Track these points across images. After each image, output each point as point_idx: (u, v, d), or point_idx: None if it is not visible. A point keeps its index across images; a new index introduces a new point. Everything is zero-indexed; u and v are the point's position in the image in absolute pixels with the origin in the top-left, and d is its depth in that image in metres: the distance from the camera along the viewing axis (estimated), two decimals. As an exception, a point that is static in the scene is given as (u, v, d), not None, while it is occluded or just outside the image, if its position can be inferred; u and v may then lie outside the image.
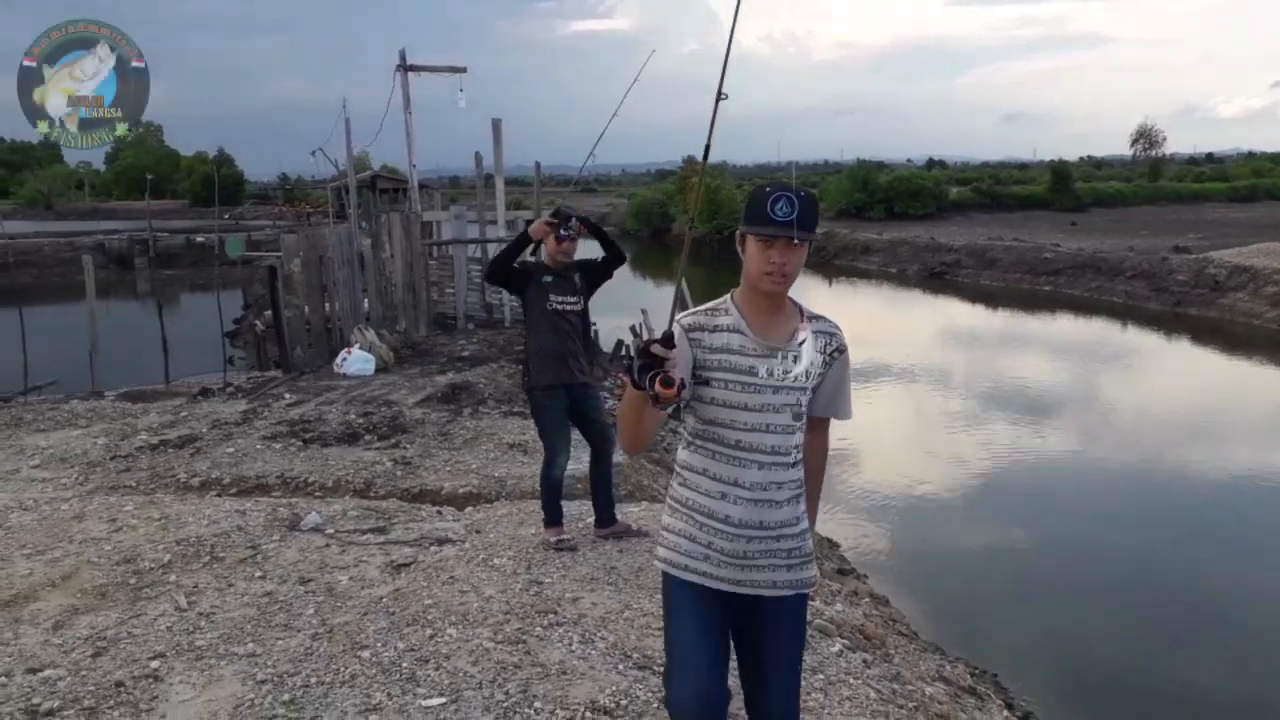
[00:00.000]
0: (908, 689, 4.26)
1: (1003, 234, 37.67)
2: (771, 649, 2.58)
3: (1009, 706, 5.57)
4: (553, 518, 5.45)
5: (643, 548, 5.39)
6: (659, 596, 4.66)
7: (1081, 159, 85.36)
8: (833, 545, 8.63)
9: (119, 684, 3.77)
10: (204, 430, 8.41)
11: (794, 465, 2.52)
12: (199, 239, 40.67)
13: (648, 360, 2.22)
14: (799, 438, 2.52)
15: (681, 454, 2.59)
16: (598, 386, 5.74)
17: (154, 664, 3.94)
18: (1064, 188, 54.89)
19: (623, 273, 5.77)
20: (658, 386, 2.19)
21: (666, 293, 28.38)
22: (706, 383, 2.45)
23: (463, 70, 18.70)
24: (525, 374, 5.42)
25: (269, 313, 16.48)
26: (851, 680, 4.08)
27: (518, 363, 13.03)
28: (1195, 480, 12.07)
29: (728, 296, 2.55)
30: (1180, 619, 8.06)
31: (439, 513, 6.35)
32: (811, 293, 33.87)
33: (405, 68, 17.85)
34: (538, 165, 20.38)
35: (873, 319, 26.32)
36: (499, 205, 19.26)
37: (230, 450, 7.72)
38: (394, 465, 7.48)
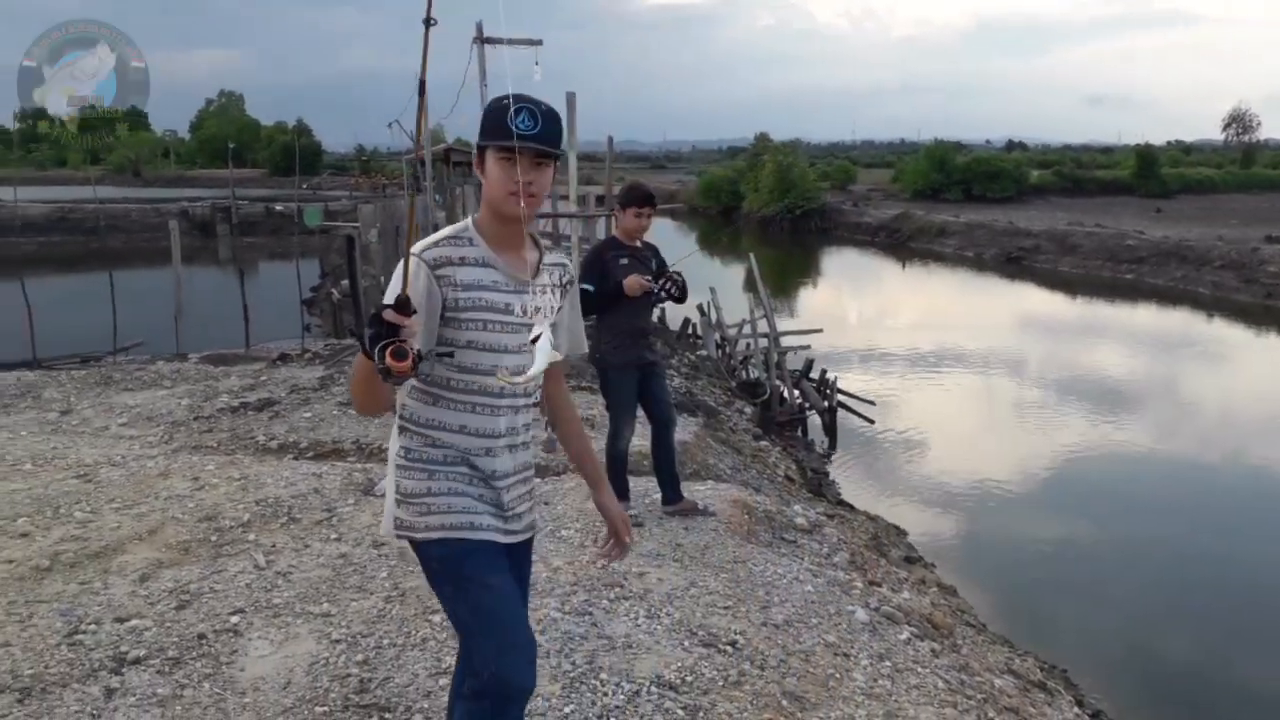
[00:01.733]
0: (976, 680, 4.21)
1: (1084, 219, 36.64)
2: (521, 596, 2.47)
3: (1079, 703, 5.47)
4: (619, 491, 5.48)
5: (709, 526, 5.40)
6: (724, 575, 4.71)
7: (1169, 143, 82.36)
8: (900, 532, 8.54)
9: (201, 636, 3.91)
10: (282, 395, 8.62)
11: (536, 404, 2.43)
12: (278, 208, 41.59)
13: (380, 328, 1.93)
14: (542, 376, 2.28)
15: (421, 409, 2.29)
16: (665, 364, 5.75)
17: (234, 619, 4.08)
18: (1150, 173, 53.10)
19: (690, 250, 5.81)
20: (389, 359, 1.89)
21: (735, 271, 28.26)
22: (455, 325, 2.22)
23: (539, 43, 18.69)
24: (595, 349, 5.42)
25: (345, 281, 16.83)
26: (919, 669, 4.05)
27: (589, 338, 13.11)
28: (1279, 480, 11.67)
29: (467, 223, 2.32)
30: (1257, 620, 7.83)
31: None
32: (885, 275, 33.41)
33: (482, 40, 17.90)
34: (610, 140, 20.34)
35: (947, 303, 25.87)
36: (571, 180, 19.26)
37: (307, 415, 7.91)
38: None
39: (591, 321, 5.70)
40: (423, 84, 2.11)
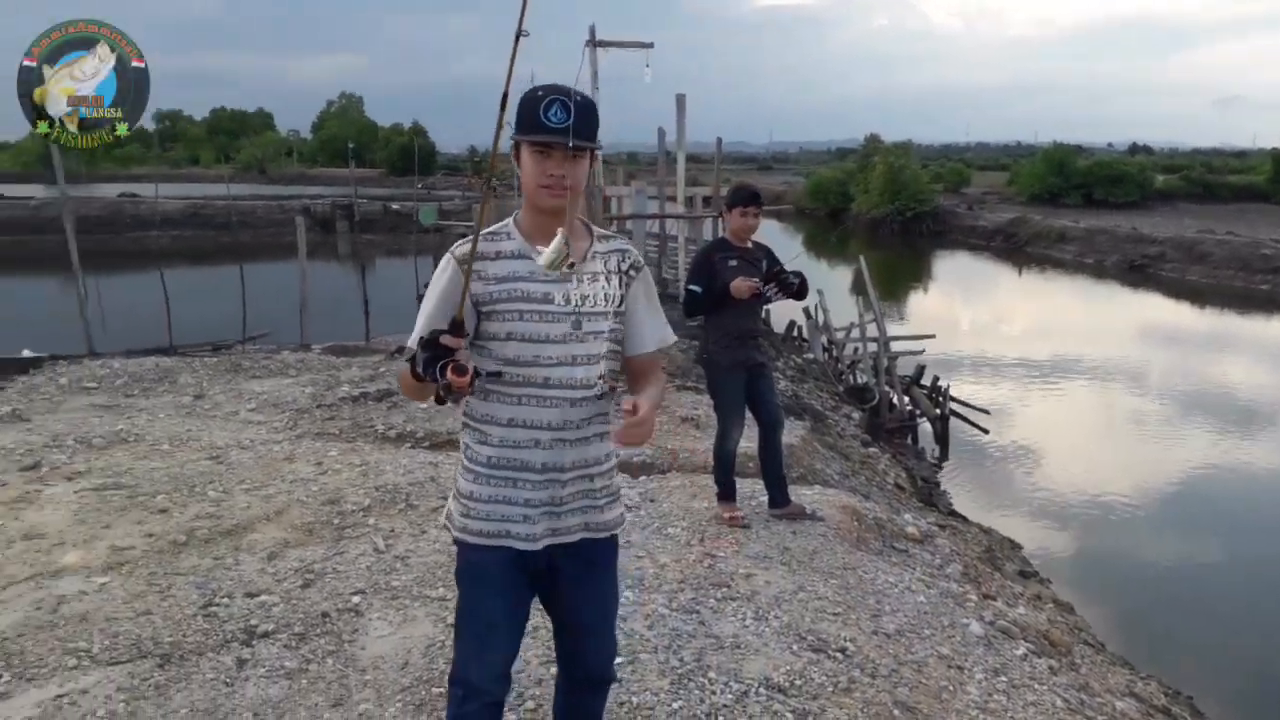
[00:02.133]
0: (1096, 701, 4.07)
1: (1214, 227, 34.82)
2: (586, 600, 2.42)
3: (1204, 732, 5.23)
4: (726, 492, 5.49)
5: (817, 531, 5.35)
6: (834, 581, 4.66)
7: (1312, 148, 77.51)
8: (1014, 546, 8.29)
9: (324, 614, 4.08)
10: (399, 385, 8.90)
11: (601, 397, 2.31)
12: (394, 206, 42.84)
13: (436, 351, 2.01)
14: (605, 366, 2.30)
15: (477, 404, 2.31)
16: (773, 366, 5.71)
17: (355, 599, 4.23)
18: (1288, 178, 50.06)
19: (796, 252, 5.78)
20: (450, 374, 1.98)
21: (843, 274, 27.85)
22: (493, 318, 2.23)
23: (650, 46, 18.81)
24: (703, 349, 5.46)
25: (458, 278, 17.17)
26: (1036, 686, 3.93)
27: (691, 338, 13.12)
28: None
29: (509, 219, 2.32)
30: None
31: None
32: (1000, 280, 32.45)
33: (594, 43, 18.11)
34: (719, 141, 20.35)
35: (1065, 311, 24.98)
36: (679, 181, 19.37)
37: (424, 406, 8.13)
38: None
39: (698, 322, 5.73)
40: (505, 96, 2.13)
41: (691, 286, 5.28)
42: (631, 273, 2.36)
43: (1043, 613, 5.72)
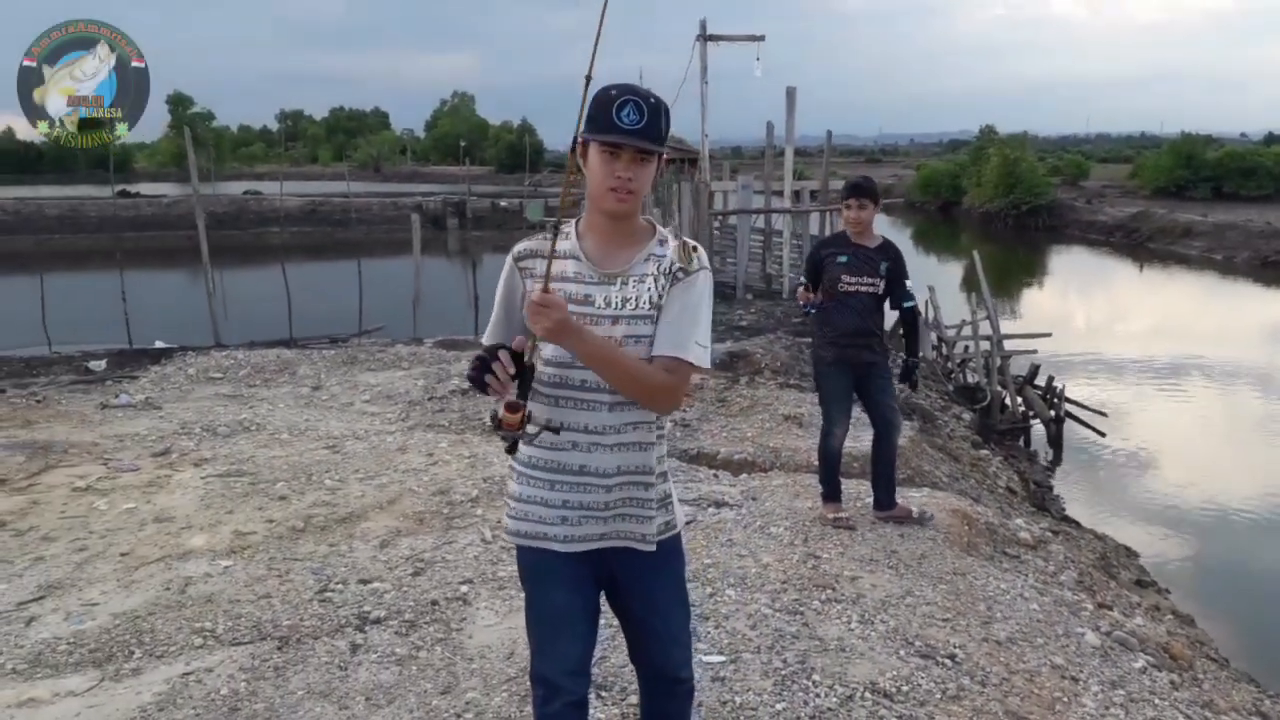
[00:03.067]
0: (1221, 719, 3.88)
1: (1360, 220, 32.64)
2: (645, 605, 2.38)
3: (1340, 757, 4.91)
4: (831, 493, 5.40)
5: (925, 534, 5.23)
6: (943, 586, 4.56)
7: None
8: (1131, 554, 7.95)
9: (434, 602, 4.19)
10: (506, 380, 9.06)
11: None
12: (503, 203, 43.63)
13: (484, 370, 2.05)
14: None
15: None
16: (888, 366, 5.56)
17: (463, 588, 4.34)
18: None
19: (906, 248, 5.64)
20: (503, 411, 2.02)
21: (953, 269, 27.14)
22: None
23: (761, 39, 18.70)
24: (811, 345, 5.46)
25: (563, 273, 17.37)
26: (1157, 700, 3.77)
27: (795, 334, 12.98)
28: None
29: (572, 221, 2.30)
30: None
31: (715, 476, 6.49)
32: (1121, 277, 31.13)
33: (705, 37, 18.07)
34: (829, 134, 20.05)
35: (1190, 310, 23.80)
36: (786, 176, 19.16)
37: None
38: (674, 426, 7.71)
39: (805, 314, 5.68)
40: (576, 140, 2.17)
41: (801, 279, 5.36)
42: (679, 275, 2.22)
43: (1162, 624, 5.48)
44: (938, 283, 15.87)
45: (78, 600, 4.25)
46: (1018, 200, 42.62)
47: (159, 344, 11.63)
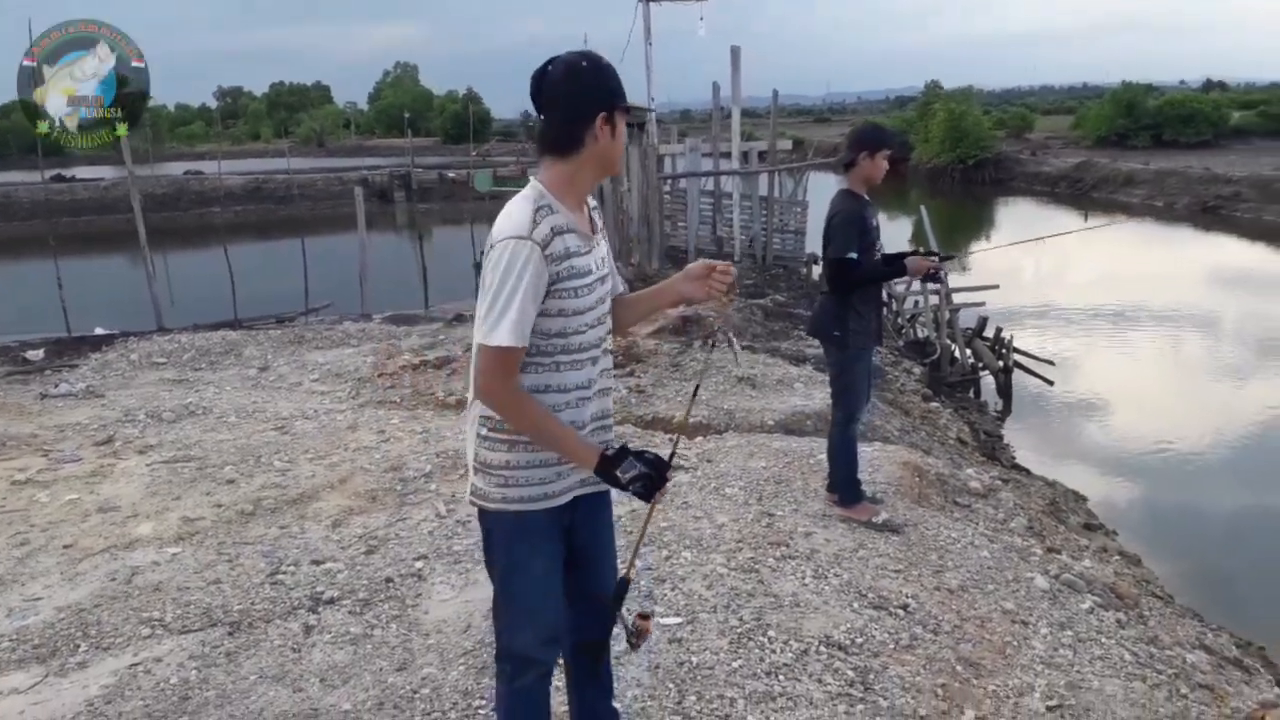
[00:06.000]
0: (1166, 654, 3.98)
1: (1295, 163, 33.35)
2: (604, 536, 2.52)
3: (1280, 684, 5.08)
4: (859, 490, 4.92)
5: (877, 488, 5.28)
6: (895, 538, 4.61)
7: (1402, 75, 73.49)
8: (1079, 498, 8.12)
9: (388, 580, 4.16)
10: (459, 353, 8.98)
11: (610, 350, 2.41)
12: (450, 174, 43.04)
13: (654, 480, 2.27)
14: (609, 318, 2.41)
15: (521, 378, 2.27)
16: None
17: (418, 564, 4.31)
18: (1376, 110, 47.63)
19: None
20: (638, 620, 2.43)
21: (902, 225, 27.34)
22: (550, 295, 2.20)
23: (703, -1, 18.55)
24: (837, 324, 4.64)
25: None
26: (1103, 639, 3.86)
27: (748, 296, 13.00)
28: None
29: (540, 188, 2.23)
30: None
31: (671, 440, 6.49)
32: (1065, 227, 31.56)
33: None
34: (775, 94, 20.00)
35: (1133, 257, 24.22)
36: (734, 138, 19.13)
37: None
38: (629, 393, 7.70)
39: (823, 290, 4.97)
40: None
41: (851, 254, 4.49)
42: (603, 227, 2.45)
43: (1109, 565, 5.60)
44: (886, 239, 15.91)
45: (20, 595, 4.16)
46: (964, 154, 42.96)
47: (99, 330, 11.34)
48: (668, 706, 3.17)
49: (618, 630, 2.47)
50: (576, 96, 2.21)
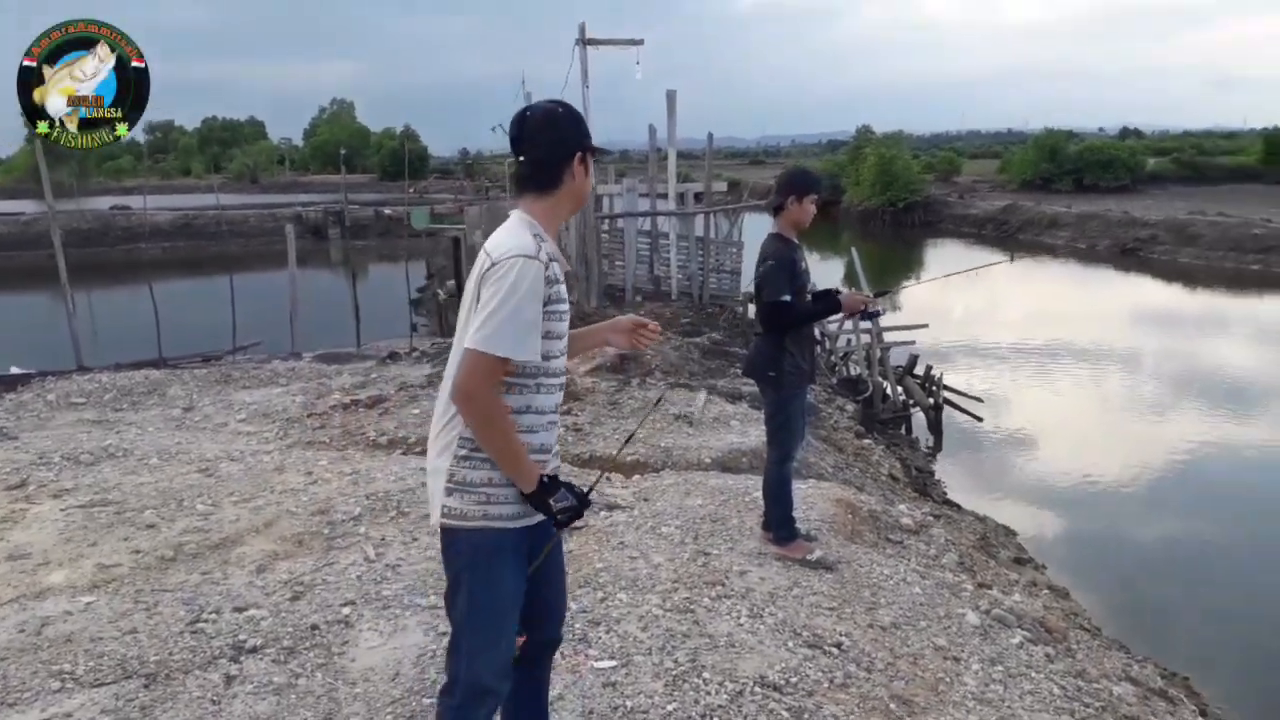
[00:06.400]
0: (1094, 687, 4.04)
1: (1205, 208, 34.78)
2: (557, 555, 2.61)
3: (1203, 713, 5.19)
4: (793, 528, 4.89)
5: (811, 525, 5.30)
6: (829, 575, 4.62)
7: (1301, 126, 77.11)
8: (1009, 533, 8.27)
9: (314, 627, 4.03)
10: (391, 392, 8.85)
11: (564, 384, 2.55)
12: (386, 211, 42.74)
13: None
14: None
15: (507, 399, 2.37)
16: None
17: (345, 610, 4.19)
18: (1279, 158, 50.04)
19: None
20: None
21: (834, 266, 27.80)
22: (547, 318, 2.35)
23: (640, 43, 18.80)
24: (774, 363, 4.65)
25: (451, 282, 17.20)
26: (1033, 674, 3.90)
27: (685, 335, 13.07)
28: None
29: (527, 218, 2.41)
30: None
31: (608, 479, 6.46)
32: (992, 269, 32.36)
33: (584, 41, 18.08)
34: (710, 136, 20.30)
35: (1058, 297, 24.95)
36: (670, 178, 19.32)
37: (416, 411, 8.09)
38: (566, 431, 7.65)
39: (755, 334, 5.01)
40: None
41: (785, 298, 4.54)
42: None
43: (1038, 599, 5.69)
44: (819, 280, 16.21)
45: (-80, 649, 3.94)
46: (894, 197, 43.98)
47: (14, 370, 10.94)
48: (601, 752, 3.12)
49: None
50: (556, 139, 2.42)
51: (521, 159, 2.45)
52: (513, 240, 2.32)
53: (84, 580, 4.56)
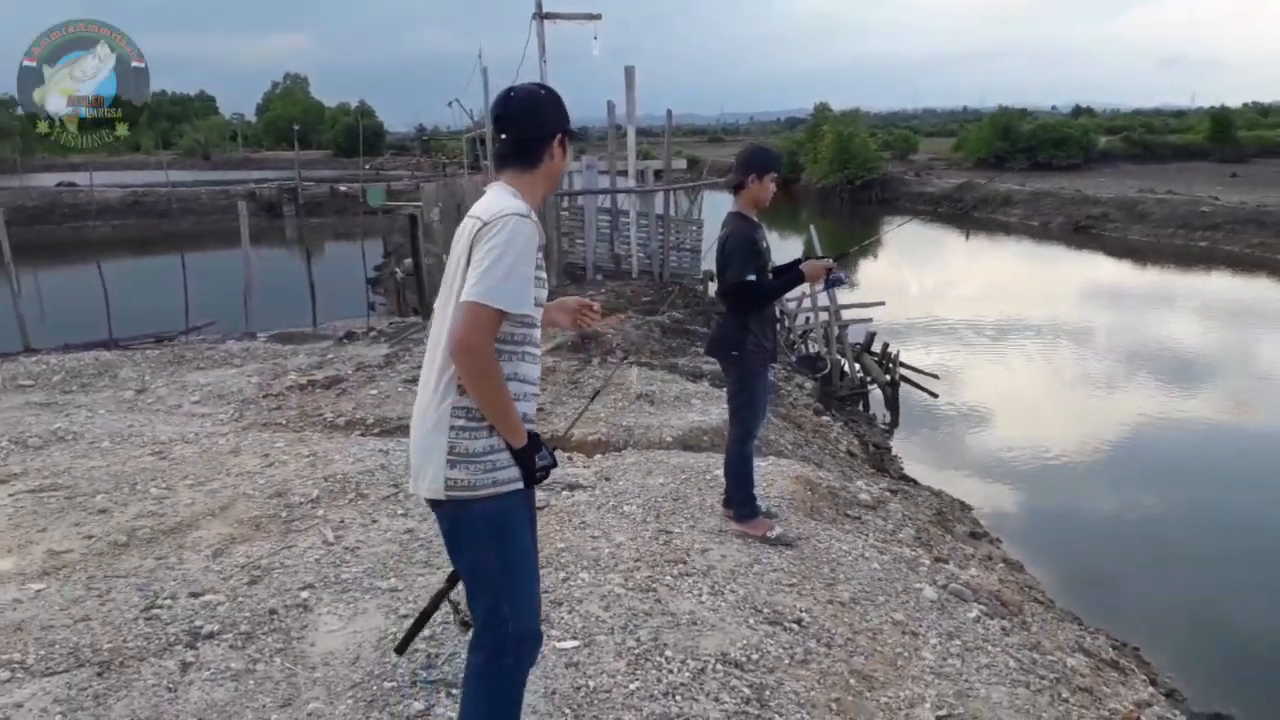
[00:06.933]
0: (1048, 659, 4.12)
1: (1155, 186, 35.45)
2: (533, 529, 2.69)
3: (1153, 682, 5.32)
4: (755, 506, 4.89)
5: (771, 502, 5.34)
6: (789, 552, 4.66)
7: (1246, 105, 78.49)
8: (965, 507, 8.39)
9: (272, 611, 3.98)
10: (349, 372, 8.75)
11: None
12: (342, 188, 42.15)
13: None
14: None
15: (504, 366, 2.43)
16: None
17: (304, 594, 4.14)
18: (1225, 136, 51.08)
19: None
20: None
21: (793, 244, 27.91)
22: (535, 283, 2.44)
23: (598, 17, 18.66)
24: (737, 341, 4.65)
25: (409, 260, 16.99)
26: (989, 647, 3.97)
27: (645, 313, 13.06)
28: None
29: (512, 189, 2.49)
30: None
31: (569, 459, 6.45)
32: (948, 246, 32.75)
33: (541, 15, 17.89)
34: (669, 113, 20.22)
35: (1012, 274, 25.31)
36: (629, 155, 19.23)
37: (374, 392, 8.02)
38: (526, 411, 7.61)
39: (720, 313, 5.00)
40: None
41: (750, 277, 4.53)
42: None
43: (994, 573, 5.79)
44: (777, 258, 16.27)
45: None
46: (852, 175, 44.24)
47: (-42, 352, 10.66)
48: (564, 732, 3.12)
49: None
50: (538, 119, 2.51)
51: (504, 136, 2.52)
52: (503, 203, 2.39)
53: (34, 567, 4.47)
